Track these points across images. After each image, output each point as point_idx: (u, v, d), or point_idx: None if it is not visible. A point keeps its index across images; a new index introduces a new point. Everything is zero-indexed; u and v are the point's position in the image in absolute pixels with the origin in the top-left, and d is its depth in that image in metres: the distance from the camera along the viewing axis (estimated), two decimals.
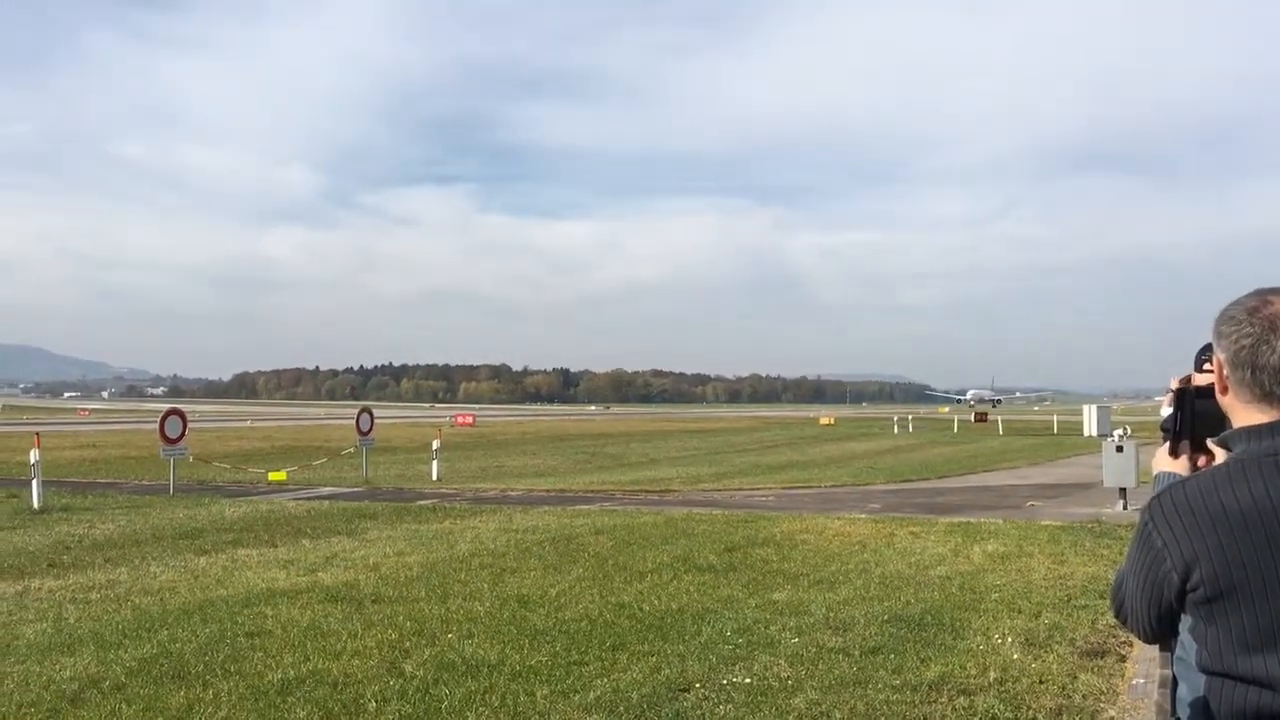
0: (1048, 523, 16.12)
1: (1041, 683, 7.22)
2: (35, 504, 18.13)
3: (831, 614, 9.34)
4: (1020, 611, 9.49)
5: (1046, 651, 8.04)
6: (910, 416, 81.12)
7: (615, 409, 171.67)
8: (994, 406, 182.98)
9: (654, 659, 7.79)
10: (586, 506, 18.78)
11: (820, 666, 7.57)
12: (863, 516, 16.99)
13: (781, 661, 7.70)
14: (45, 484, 19.07)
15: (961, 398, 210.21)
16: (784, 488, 23.47)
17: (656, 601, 9.91)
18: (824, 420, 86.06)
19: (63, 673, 7.36)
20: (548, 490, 22.72)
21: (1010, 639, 8.40)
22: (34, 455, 18.92)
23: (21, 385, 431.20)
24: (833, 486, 23.95)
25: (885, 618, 9.17)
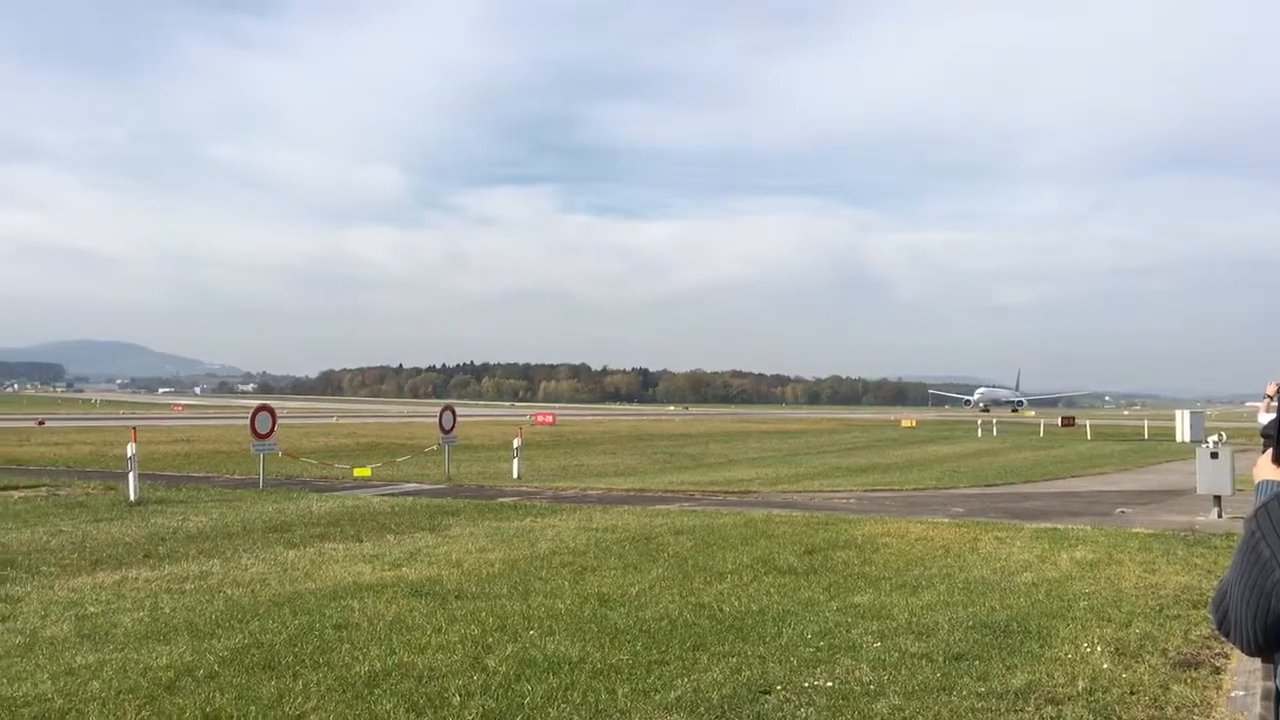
0: (1139, 530, 15.74)
1: (1133, 693, 7.05)
2: (132, 496, 18.71)
3: (914, 619, 9.23)
4: (1110, 620, 9.28)
5: (1138, 661, 7.85)
6: (995, 420, 79.70)
7: (694, 409, 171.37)
8: (1015, 410, 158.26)
9: (734, 660, 7.77)
10: (666, 506, 18.80)
11: (903, 672, 7.48)
12: (946, 521, 16.76)
13: (863, 666, 7.63)
14: (141, 477, 19.67)
15: (970, 399, 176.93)
16: (865, 490, 23.24)
17: (737, 602, 9.89)
18: (906, 423, 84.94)
19: (159, 661, 7.59)
20: (627, 490, 22.79)
21: (1100, 648, 8.22)
22: (131, 449, 19.55)
23: (119, 381, 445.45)
24: (915, 490, 23.66)
25: (970, 623, 9.04)
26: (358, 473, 25.40)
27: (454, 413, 28.39)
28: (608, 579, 11.12)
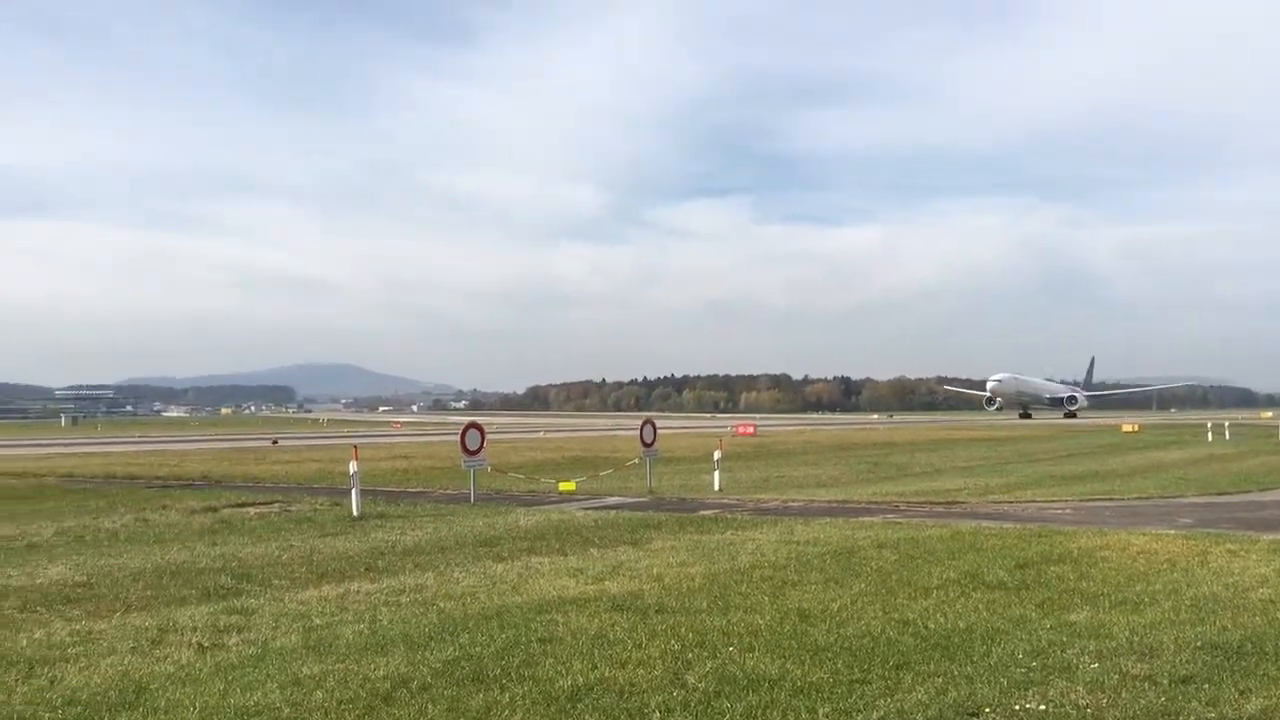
0: None
1: None
2: (355, 512, 19.76)
3: (1136, 638, 8.73)
4: None
5: None
6: (1227, 423, 74.64)
7: (898, 417, 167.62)
8: (1069, 413, 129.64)
9: (940, 680, 7.54)
10: (869, 518, 18.45)
11: (1123, 695, 7.08)
12: (1171, 532, 15.77)
13: (1079, 688, 7.27)
14: (363, 493, 20.75)
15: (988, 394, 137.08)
16: (1082, 500, 22.15)
17: (942, 619, 9.59)
18: (1127, 427, 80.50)
19: (377, 672, 7.97)
20: (829, 501, 22.49)
21: None
22: (353, 466, 20.67)
23: (343, 401, 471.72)
24: (1137, 499, 22.39)
25: (1198, 644, 8.47)
26: (562, 487, 26.02)
27: (654, 425, 28.72)
28: (808, 594, 10.99)
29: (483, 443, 24.38)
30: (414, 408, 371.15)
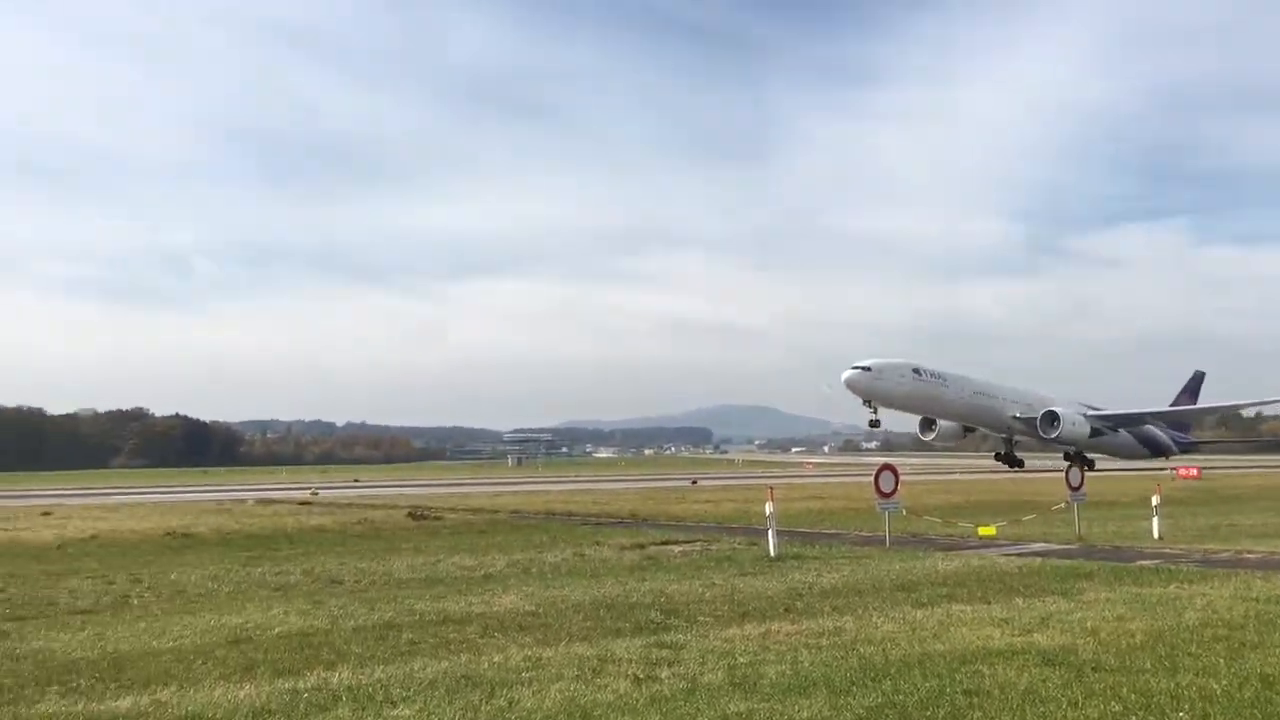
0: None
1: None
2: (771, 552, 20.18)
3: None
4: None
5: None
6: None
7: None
8: (1066, 444, 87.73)
9: None
10: None
11: None
12: None
13: None
14: (779, 533, 21.14)
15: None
16: None
17: None
18: None
19: (800, 713, 8.09)
20: None
21: None
22: (769, 507, 21.14)
23: (757, 441, 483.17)
24: None
25: None
26: (982, 531, 25.03)
27: (1082, 468, 26.94)
28: (1273, 658, 9.83)
29: (897, 484, 24.03)
30: (825, 448, 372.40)
